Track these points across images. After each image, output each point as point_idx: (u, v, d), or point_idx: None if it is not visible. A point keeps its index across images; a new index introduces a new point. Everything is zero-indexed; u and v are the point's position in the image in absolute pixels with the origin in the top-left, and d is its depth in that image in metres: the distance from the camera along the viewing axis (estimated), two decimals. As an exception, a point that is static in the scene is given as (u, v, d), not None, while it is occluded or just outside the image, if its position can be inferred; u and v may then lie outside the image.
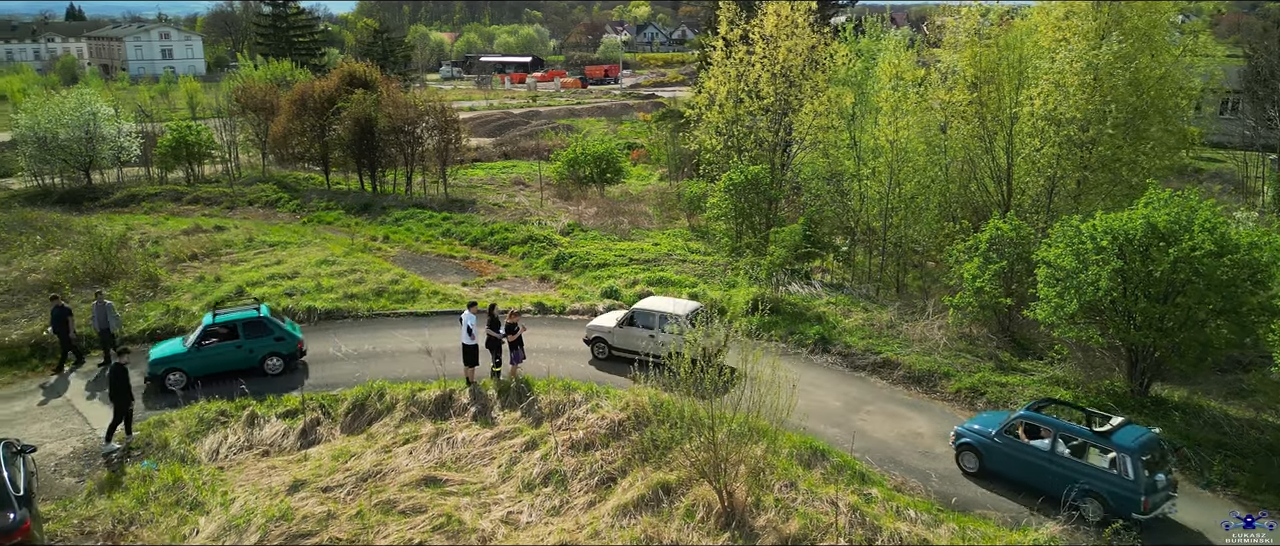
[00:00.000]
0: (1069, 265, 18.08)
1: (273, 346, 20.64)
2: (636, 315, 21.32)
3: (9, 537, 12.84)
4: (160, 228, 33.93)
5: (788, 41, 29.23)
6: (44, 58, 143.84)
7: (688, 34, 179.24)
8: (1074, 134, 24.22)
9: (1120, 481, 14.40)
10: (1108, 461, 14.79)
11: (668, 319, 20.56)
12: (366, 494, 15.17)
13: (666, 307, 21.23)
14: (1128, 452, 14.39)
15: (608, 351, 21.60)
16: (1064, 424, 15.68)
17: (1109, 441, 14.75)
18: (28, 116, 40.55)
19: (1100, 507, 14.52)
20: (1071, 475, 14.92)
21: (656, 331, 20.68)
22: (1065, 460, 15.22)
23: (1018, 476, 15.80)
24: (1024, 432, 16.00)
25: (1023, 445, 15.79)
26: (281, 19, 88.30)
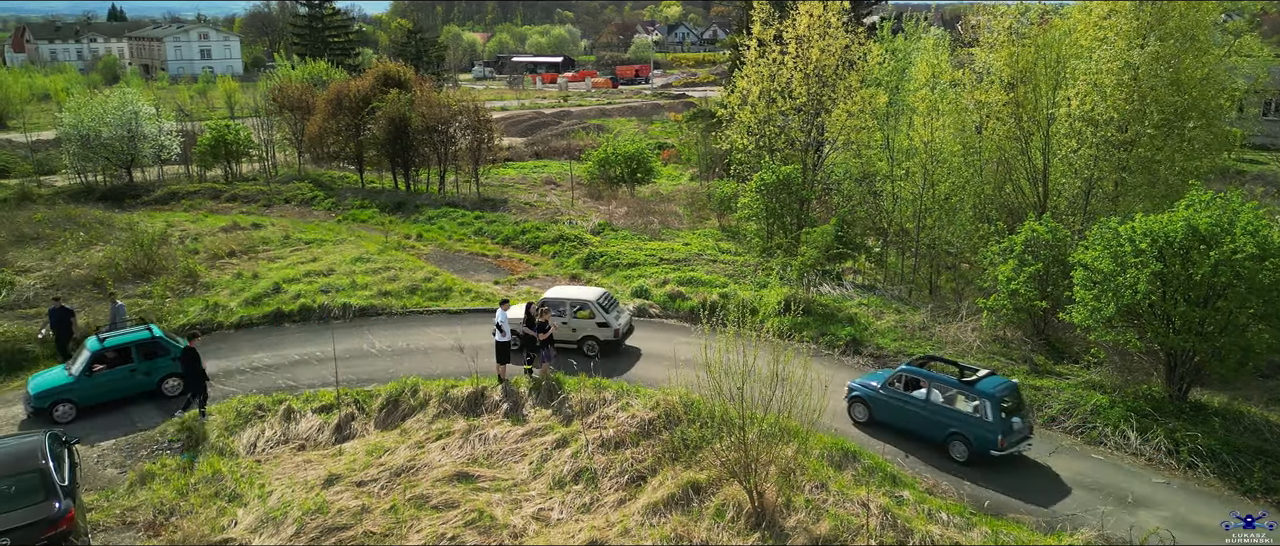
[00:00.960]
0: (1106, 268, 17.83)
1: (170, 367, 19.44)
2: (546, 305, 21.28)
3: (54, 526, 13.17)
4: (199, 225, 34.57)
5: (821, 41, 29.08)
6: (86, 57, 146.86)
7: (719, 34, 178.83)
8: (1112, 135, 23.87)
9: (982, 423, 16.34)
10: (972, 407, 16.54)
11: (581, 305, 21.47)
12: (400, 488, 15.36)
13: (576, 294, 21.99)
14: (987, 398, 16.33)
15: (517, 343, 21.00)
16: (937, 375, 17.40)
17: (973, 389, 16.60)
18: (72, 115, 41.47)
19: (965, 447, 16.62)
20: (943, 420, 16.94)
21: (568, 318, 21.40)
22: (938, 407, 17.04)
23: (900, 423, 17.71)
24: (904, 385, 17.69)
25: (904, 396, 17.65)
26: (317, 19, 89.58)
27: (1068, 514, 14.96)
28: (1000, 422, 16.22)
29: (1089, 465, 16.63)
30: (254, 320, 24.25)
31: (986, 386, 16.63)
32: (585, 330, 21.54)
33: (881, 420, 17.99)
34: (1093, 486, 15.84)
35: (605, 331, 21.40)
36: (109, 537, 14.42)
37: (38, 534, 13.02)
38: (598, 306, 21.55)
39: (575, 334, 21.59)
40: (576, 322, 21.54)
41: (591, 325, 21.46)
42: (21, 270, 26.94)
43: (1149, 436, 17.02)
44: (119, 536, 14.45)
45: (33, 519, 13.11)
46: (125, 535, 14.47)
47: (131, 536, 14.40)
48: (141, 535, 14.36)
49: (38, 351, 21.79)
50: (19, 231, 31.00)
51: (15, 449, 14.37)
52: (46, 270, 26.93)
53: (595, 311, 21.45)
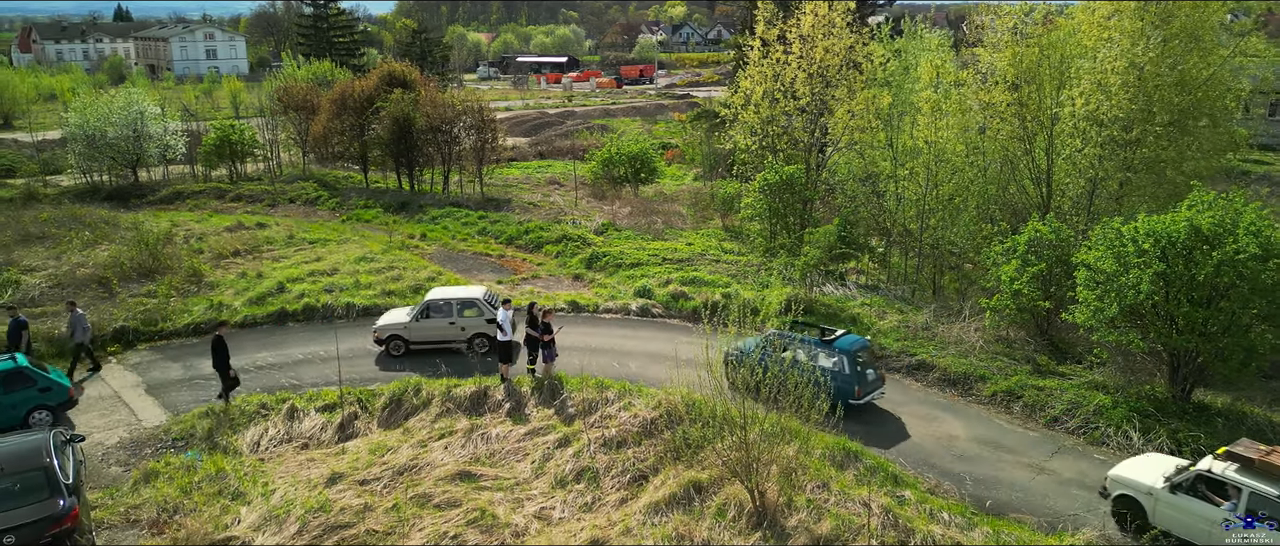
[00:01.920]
0: (1109, 268, 17.81)
1: (38, 399, 17.94)
2: (432, 306, 21.70)
3: (58, 524, 13.22)
4: (204, 224, 34.69)
5: (825, 41, 29.10)
6: (92, 57, 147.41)
7: (723, 34, 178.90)
8: (1117, 134, 23.84)
9: (841, 375, 18.09)
10: (832, 362, 18.27)
11: (468, 303, 21.70)
12: (402, 487, 15.41)
13: (462, 294, 22.13)
14: (844, 353, 18.35)
15: (404, 347, 21.67)
16: (801, 336, 18.87)
17: (832, 347, 18.50)
18: (77, 115, 41.65)
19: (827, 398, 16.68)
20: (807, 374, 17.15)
21: (455, 318, 21.58)
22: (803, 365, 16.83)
23: None
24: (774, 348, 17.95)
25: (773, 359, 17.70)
26: (322, 19, 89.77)
27: (1070, 514, 14.94)
28: (856, 375, 18.17)
29: (1091, 465, 16.61)
30: (258, 319, 24.33)
31: (843, 344, 18.58)
32: (475, 328, 21.68)
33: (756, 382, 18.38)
34: (1095, 486, 15.80)
35: (493, 326, 21.33)
36: (113, 535, 14.49)
37: (42, 531, 13.07)
38: (485, 304, 21.72)
39: (464, 332, 21.74)
40: (465, 321, 21.70)
41: (480, 322, 21.61)
42: (27, 269, 27.07)
43: (1152, 437, 16.99)
44: (123, 534, 14.52)
45: (37, 516, 13.16)
46: (129, 533, 14.54)
47: (135, 534, 14.46)
48: (145, 533, 14.42)
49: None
50: (25, 231, 31.16)
51: (20, 446, 14.44)
52: (52, 269, 27.04)
53: (484, 309, 21.62)
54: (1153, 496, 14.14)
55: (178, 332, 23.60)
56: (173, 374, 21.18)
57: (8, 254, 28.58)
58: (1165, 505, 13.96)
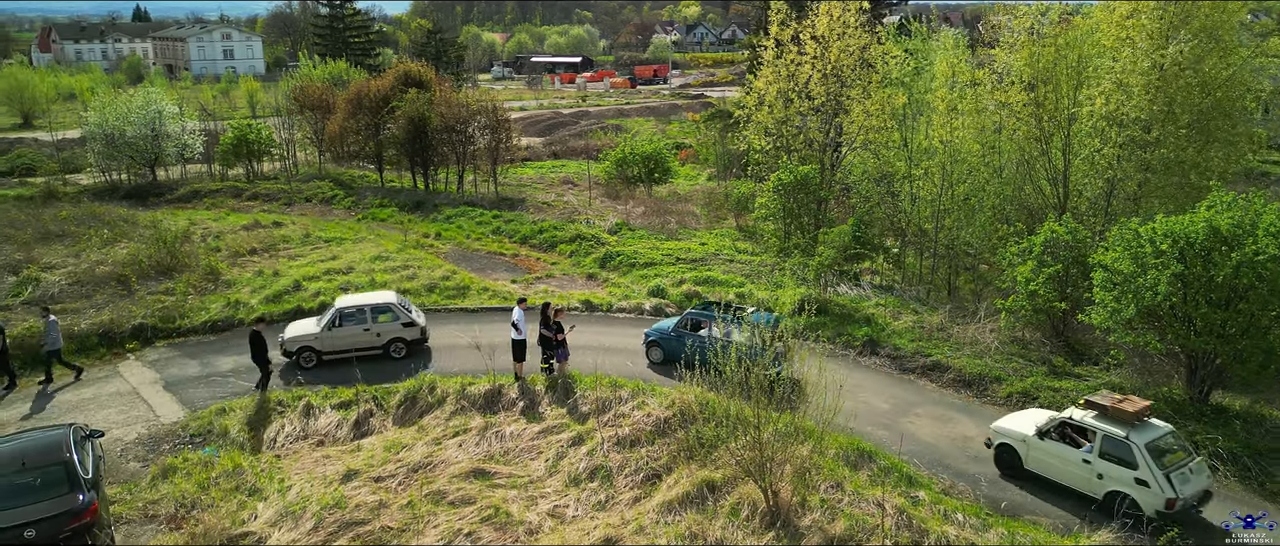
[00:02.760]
0: (1127, 269, 17.69)
1: None
2: (344, 314, 21.23)
3: (78, 519, 13.36)
4: (221, 223, 34.95)
5: (839, 42, 29.03)
6: (111, 57, 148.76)
7: (738, 34, 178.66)
8: (1137, 135, 23.68)
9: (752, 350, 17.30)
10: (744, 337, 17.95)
11: (382, 309, 21.38)
12: (417, 484, 15.49)
13: (375, 299, 21.84)
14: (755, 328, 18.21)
15: (316, 359, 21.12)
16: (714, 315, 19.63)
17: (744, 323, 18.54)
18: (97, 114, 42.05)
19: None
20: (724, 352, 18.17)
21: (370, 324, 21.22)
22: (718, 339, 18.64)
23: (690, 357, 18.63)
24: (690, 327, 20.49)
25: (691, 335, 20.26)
26: (338, 20, 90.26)
27: (1086, 516, 14.85)
28: None
29: (1108, 467, 16.49)
30: (274, 317, 24.47)
31: (755, 319, 18.78)
32: (391, 332, 21.34)
33: (673, 357, 19.78)
34: (1111, 489, 15.70)
35: (412, 331, 21.40)
36: (132, 530, 14.64)
37: (62, 525, 13.22)
38: (401, 308, 21.52)
39: (380, 338, 21.35)
40: (380, 326, 21.28)
41: (397, 326, 21.30)
42: (47, 267, 27.34)
43: (1169, 439, 16.84)
44: (141, 529, 14.66)
45: (57, 511, 13.31)
46: (147, 528, 14.68)
47: (153, 529, 14.61)
48: (163, 528, 14.56)
49: None
50: (45, 229, 31.47)
51: (40, 442, 14.61)
52: (71, 267, 27.31)
53: (399, 313, 21.40)
54: (1026, 443, 15.90)
55: (195, 330, 23.79)
56: (190, 371, 21.36)
57: (28, 252, 28.88)
58: (1035, 450, 15.78)
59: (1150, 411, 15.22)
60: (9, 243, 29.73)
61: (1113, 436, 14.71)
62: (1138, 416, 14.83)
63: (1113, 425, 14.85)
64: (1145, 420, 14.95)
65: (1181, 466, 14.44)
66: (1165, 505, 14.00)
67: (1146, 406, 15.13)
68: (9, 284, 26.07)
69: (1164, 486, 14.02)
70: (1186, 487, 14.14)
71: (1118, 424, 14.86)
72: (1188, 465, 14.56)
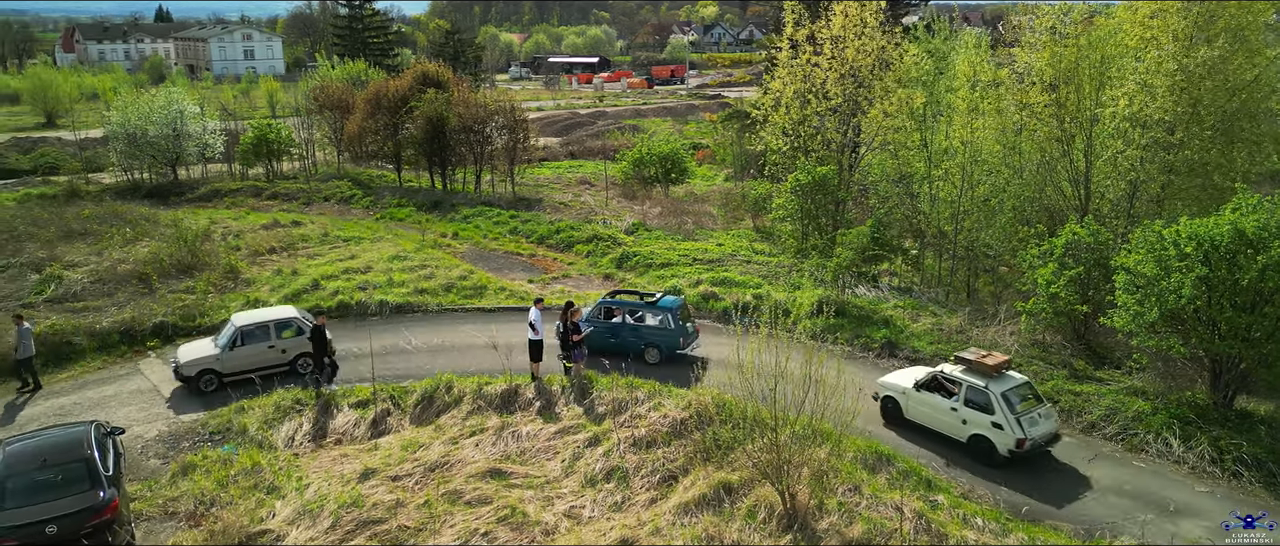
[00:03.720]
0: (1150, 272, 17.48)
1: None
2: (245, 332, 20.20)
3: (98, 515, 13.49)
4: (241, 222, 35.21)
5: (856, 41, 28.86)
6: (134, 58, 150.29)
7: (755, 34, 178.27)
8: (1160, 136, 23.40)
9: (666, 331, 20.92)
10: (658, 320, 21.04)
11: (285, 324, 20.60)
12: (434, 483, 15.51)
13: (277, 315, 20.95)
14: (667, 311, 21.10)
15: (217, 382, 19.89)
16: (627, 302, 21.82)
17: (656, 307, 21.19)
18: (119, 114, 42.44)
19: (658, 352, 21.04)
20: (639, 335, 21.28)
21: (274, 341, 20.35)
22: (634, 326, 21.39)
23: (609, 345, 21.21)
24: (605, 315, 21.59)
25: (606, 324, 21.50)
26: (357, 20, 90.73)
27: (1107, 521, 14.70)
28: (680, 329, 20.85)
29: (1129, 472, 16.33)
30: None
31: (665, 303, 21.37)
32: (297, 348, 20.55)
33: (592, 348, 20.73)
34: (1133, 494, 15.56)
35: None
36: (152, 527, 14.75)
37: (83, 522, 13.35)
38: (304, 322, 20.73)
39: (286, 355, 20.55)
40: (285, 342, 20.51)
41: (303, 341, 20.38)
42: (70, 265, 27.63)
43: (1192, 444, 16.65)
44: (161, 526, 14.77)
45: (78, 507, 13.44)
46: (167, 525, 14.79)
47: (173, 526, 14.71)
48: (183, 525, 14.66)
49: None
50: (67, 227, 31.80)
51: (62, 438, 14.76)
52: (93, 265, 27.58)
53: (304, 326, 20.54)
54: (906, 395, 17.97)
55: (215, 328, 23.90)
56: (210, 369, 21.47)
57: (51, 249, 29.20)
58: (913, 400, 17.85)
59: (1009, 366, 17.26)
60: (32, 240, 30.07)
61: (975, 386, 16.62)
62: (997, 370, 16.77)
63: (976, 377, 16.77)
64: (1004, 373, 16.91)
65: (1031, 412, 16.41)
66: (1016, 444, 15.97)
67: (1006, 361, 17.16)
68: (32, 281, 26.35)
69: (1015, 428, 16.02)
70: (1035, 430, 16.19)
71: (980, 376, 16.75)
72: (1037, 411, 16.55)
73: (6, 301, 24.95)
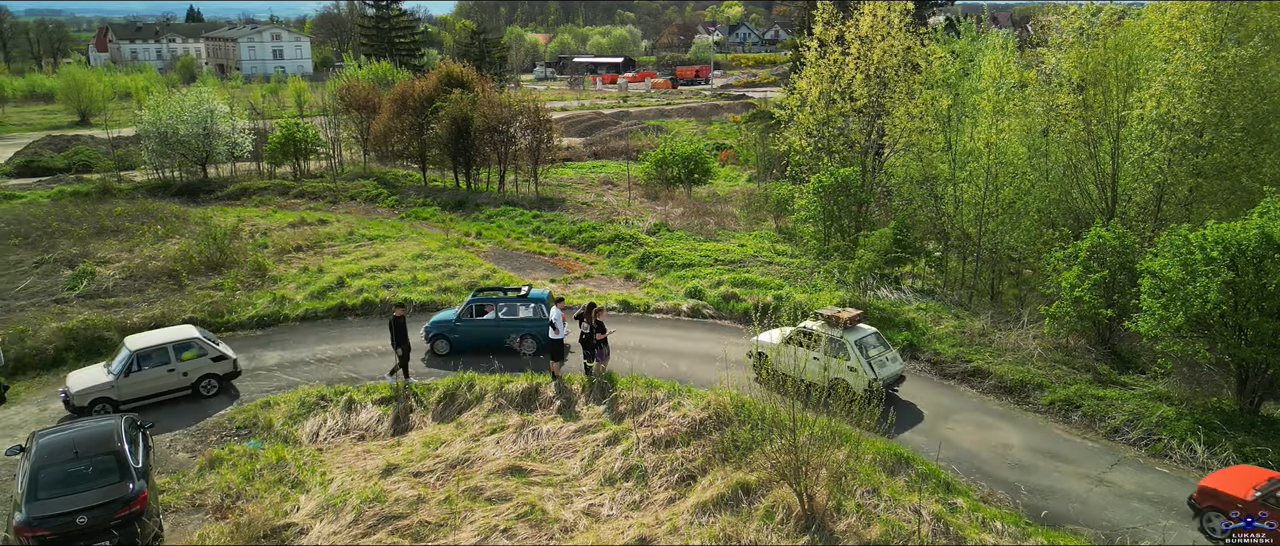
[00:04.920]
0: (1176, 276, 17.31)
1: None
2: (142, 356, 19.21)
3: (128, 506, 13.79)
4: (269, 220, 35.69)
5: (883, 42, 28.76)
6: (165, 57, 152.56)
7: (781, 34, 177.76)
8: (1189, 139, 23.13)
9: (540, 322, 21.40)
10: (531, 311, 21.80)
11: (185, 345, 19.63)
12: (455, 480, 15.69)
13: (175, 336, 20.00)
14: (541, 302, 21.92)
15: (113, 409, 18.66)
16: (499, 297, 22.14)
17: (527, 300, 21.97)
18: (151, 113, 43.17)
19: (534, 342, 21.62)
20: (513, 328, 21.80)
21: (175, 363, 19.42)
22: (506, 321, 21.90)
23: (481, 343, 21.72)
24: (476, 312, 21.91)
25: (478, 321, 21.93)
26: (384, 20, 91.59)
27: (1129, 526, 14.59)
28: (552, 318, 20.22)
29: (1153, 478, 16.18)
30: (318, 313, 24.97)
31: (535, 295, 22.19)
32: (200, 369, 19.62)
33: (463, 347, 21.66)
34: (1156, 499, 15.41)
35: (223, 365, 19.89)
36: (180, 519, 15.04)
37: (113, 513, 13.65)
38: (206, 341, 19.98)
39: (187, 377, 19.50)
40: (186, 365, 19.49)
41: (206, 362, 19.68)
42: (102, 261, 28.18)
43: (1217, 450, 16.47)
44: (189, 518, 15.06)
45: (108, 498, 13.75)
46: (194, 517, 15.08)
47: (200, 518, 14.99)
48: (210, 517, 14.93)
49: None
50: (100, 224, 32.40)
51: (93, 431, 15.07)
52: (125, 262, 28.11)
53: (205, 347, 19.82)
54: (776, 350, 18.96)
55: (243, 324, 24.34)
56: (237, 364, 21.83)
57: (84, 246, 29.78)
58: (783, 354, 18.57)
59: (861, 319, 19.99)
60: (66, 237, 30.69)
61: (833, 337, 18.98)
62: (850, 323, 19.35)
63: (834, 330, 19.12)
64: (856, 325, 19.47)
65: (880, 357, 18.99)
66: (867, 384, 18.01)
67: (857, 314, 19.85)
68: (66, 277, 26.90)
69: (867, 371, 18.41)
70: (883, 371, 18.67)
71: (837, 328, 19.13)
72: (885, 356, 19.15)
73: (40, 297, 25.51)
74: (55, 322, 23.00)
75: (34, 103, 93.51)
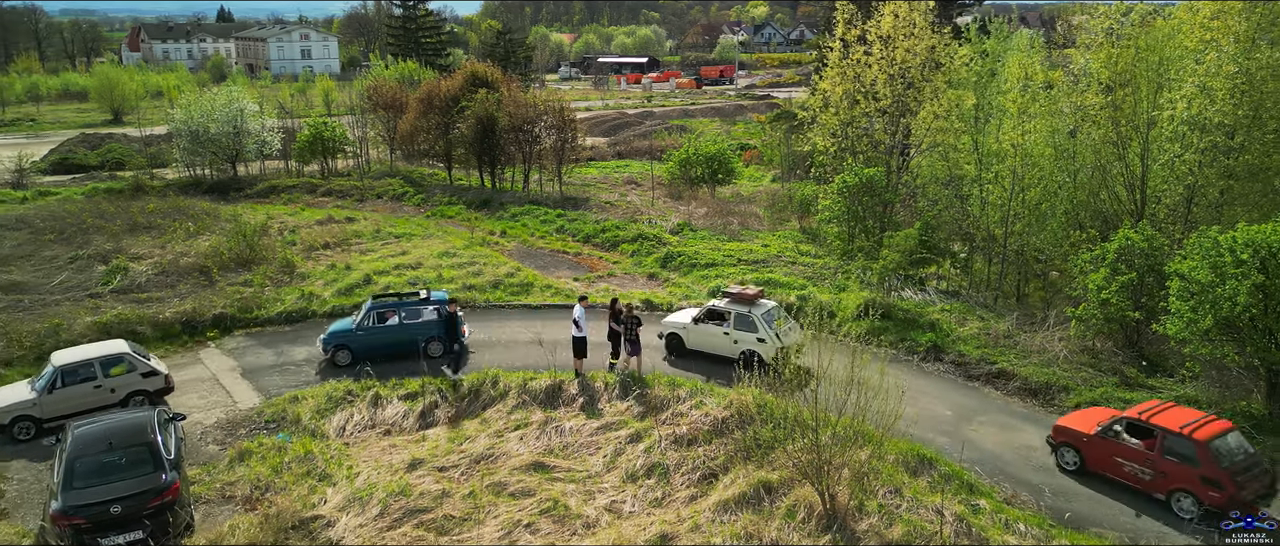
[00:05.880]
0: (1204, 278, 17.13)
1: None
2: (66, 372, 18.45)
3: (160, 497, 14.08)
4: (297, 217, 36.15)
5: (906, 42, 28.63)
6: (196, 57, 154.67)
7: (806, 34, 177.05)
8: (1220, 140, 22.85)
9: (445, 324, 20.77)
10: (435, 315, 21.71)
11: (113, 361, 18.82)
12: (479, 475, 15.87)
13: (103, 351, 19.16)
14: (443, 304, 21.72)
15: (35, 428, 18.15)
16: (400, 303, 22.24)
17: (429, 302, 22.14)
18: (182, 111, 43.80)
19: (440, 345, 21.22)
20: (417, 332, 21.67)
21: (102, 380, 18.57)
22: (408, 325, 21.82)
23: (382, 351, 21.40)
24: (377, 319, 21.71)
25: (380, 327, 21.71)
26: (411, 20, 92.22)
27: (1155, 531, 14.47)
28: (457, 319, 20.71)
29: (1180, 482, 16.00)
30: (346, 310, 25.23)
31: (436, 297, 22.46)
32: (129, 386, 18.81)
33: (363, 355, 21.26)
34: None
35: (154, 381, 19.06)
36: (210, 509, 15.33)
37: (145, 502, 13.94)
38: (136, 357, 19.16)
39: (115, 394, 18.66)
40: (114, 381, 18.70)
41: (135, 378, 18.88)
42: (135, 257, 28.69)
43: (1247, 455, 16.25)
44: (219, 509, 15.35)
45: (141, 489, 14.05)
46: (224, 508, 15.36)
47: (230, 509, 15.27)
48: (239, 508, 15.21)
49: None
50: (133, 221, 32.98)
51: (126, 423, 15.40)
52: (157, 258, 28.60)
53: (135, 362, 18.99)
54: (686, 329, 21.37)
55: (271, 320, 24.69)
56: (265, 359, 22.19)
57: (117, 242, 30.34)
58: (692, 332, 21.30)
59: (763, 295, 21.62)
60: (100, 233, 31.27)
61: (741, 313, 20.44)
62: (755, 299, 20.92)
63: (740, 306, 20.56)
64: (760, 301, 21.02)
65: (784, 328, 20.64)
66: (775, 352, 19.15)
67: (760, 292, 21.55)
68: (100, 272, 27.42)
69: (773, 340, 19.86)
70: (785, 339, 20.06)
71: (744, 304, 20.59)
72: (788, 325, 20.90)
73: (75, 292, 26.03)
74: (89, 317, 23.46)
75: (68, 101, 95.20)
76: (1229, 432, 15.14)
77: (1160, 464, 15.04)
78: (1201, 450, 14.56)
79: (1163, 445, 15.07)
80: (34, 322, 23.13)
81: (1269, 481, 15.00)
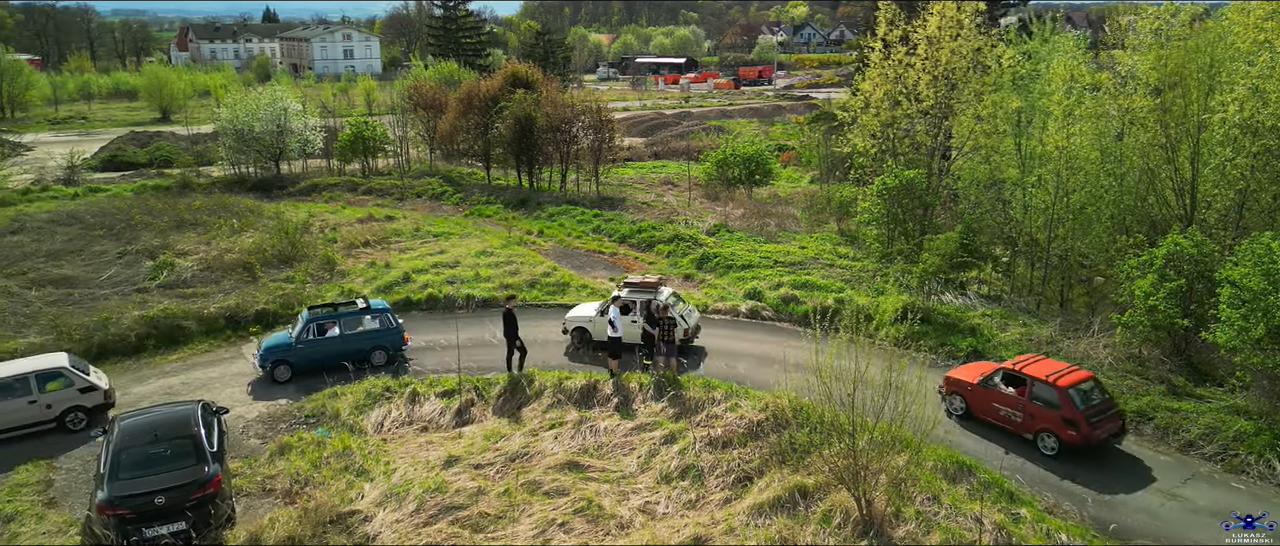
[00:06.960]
0: (1257, 285, 16.67)
1: None
2: (5, 386, 17.96)
3: (203, 489, 14.33)
4: (338, 216, 36.64)
5: (951, 42, 28.23)
6: (242, 57, 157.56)
7: (846, 34, 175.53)
8: (1273, 144, 22.21)
9: (390, 331, 21.42)
10: (377, 324, 21.38)
11: (51, 376, 18.31)
12: (514, 473, 15.95)
13: (37, 365, 18.65)
14: (384, 313, 21.69)
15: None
16: (339, 313, 21.38)
17: (371, 311, 21.56)
18: (228, 110, 44.64)
19: (384, 353, 21.35)
20: (362, 342, 21.19)
21: (36, 395, 18.06)
22: (351, 336, 21.20)
23: (325, 362, 20.63)
24: (318, 331, 21.02)
25: (321, 339, 20.96)
26: (451, 21, 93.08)
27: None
28: (398, 328, 21.50)
29: (1227, 493, 15.60)
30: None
31: (376, 305, 21.94)
32: (66, 401, 18.24)
33: (305, 368, 20.64)
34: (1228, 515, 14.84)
35: (93, 396, 18.53)
36: (250, 502, 15.59)
37: (188, 494, 14.20)
38: (74, 371, 18.58)
39: (51, 410, 18.10)
40: (50, 396, 18.10)
41: (73, 393, 18.31)
42: (181, 253, 29.29)
43: (1299, 468, 15.82)
44: (259, 502, 15.60)
45: (185, 481, 14.30)
46: (265, 501, 15.61)
47: (270, 502, 15.51)
48: (279, 502, 15.44)
49: None
50: (180, 217, 33.68)
51: (171, 416, 15.71)
52: (202, 253, 29.17)
53: (72, 377, 18.44)
54: (593, 322, 21.75)
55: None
56: (306, 355, 22.46)
57: (164, 238, 31.00)
58: (599, 324, 21.40)
59: (663, 282, 22.93)
60: (148, 229, 31.98)
61: (645, 301, 20.99)
62: (656, 285, 21.95)
63: (644, 294, 21.34)
64: (661, 289, 21.88)
65: (685, 312, 21.64)
66: (684, 333, 20.75)
67: (661, 279, 22.85)
68: (147, 268, 28.03)
69: (684, 322, 20.96)
70: (689, 321, 21.35)
71: (647, 293, 21.32)
72: (686, 309, 22.11)
73: (123, 286, 26.64)
74: (136, 311, 24.00)
75: (118, 99, 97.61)
76: (1087, 381, 17.09)
77: (1029, 407, 17.07)
78: (1062, 395, 16.52)
79: (1031, 391, 17.06)
80: (83, 316, 23.71)
81: (1120, 424, 17.03)
